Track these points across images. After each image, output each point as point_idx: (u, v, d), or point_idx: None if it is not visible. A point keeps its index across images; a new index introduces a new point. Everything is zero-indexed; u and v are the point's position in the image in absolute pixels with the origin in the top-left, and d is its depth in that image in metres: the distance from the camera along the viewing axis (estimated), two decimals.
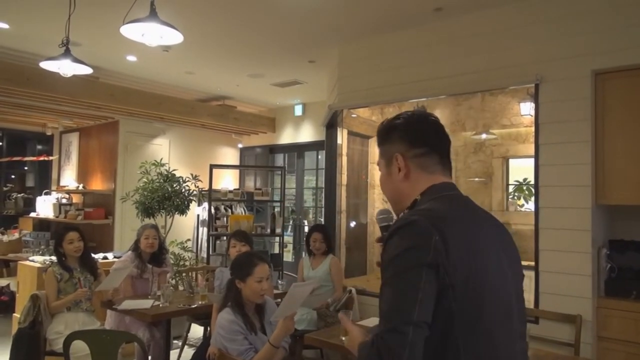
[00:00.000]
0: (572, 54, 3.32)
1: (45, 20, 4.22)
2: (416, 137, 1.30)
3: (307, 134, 7.61)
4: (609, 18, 3.21)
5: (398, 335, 1.04)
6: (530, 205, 5.45)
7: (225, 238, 5.74)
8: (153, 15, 2.69)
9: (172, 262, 5.63)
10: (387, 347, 1.03)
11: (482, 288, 1.13)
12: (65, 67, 3.46)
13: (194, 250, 6.59)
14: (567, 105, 3.32)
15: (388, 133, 1.34)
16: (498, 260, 1.19)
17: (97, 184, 6.97)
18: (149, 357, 3.56)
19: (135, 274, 3.81)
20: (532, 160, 3.56)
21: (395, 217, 1.38)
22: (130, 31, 2.76)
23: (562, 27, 3.39)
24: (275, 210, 6.64)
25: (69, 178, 7.42)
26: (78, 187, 7.02)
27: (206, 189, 5.90)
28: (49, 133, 7.46)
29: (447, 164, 1.31)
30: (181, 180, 5.65)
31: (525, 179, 5.58)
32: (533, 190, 3.70)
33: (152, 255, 3.94)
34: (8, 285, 5.56)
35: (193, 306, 3.53)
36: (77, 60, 3.39)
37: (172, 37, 2.83)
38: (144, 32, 2.77)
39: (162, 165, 5.75)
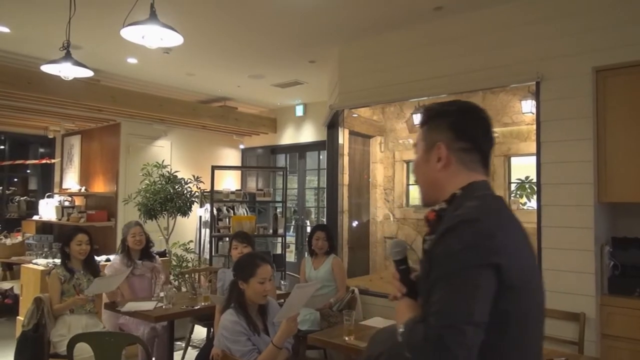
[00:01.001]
0: (573, 51, 3.31)
1: (45, 23, 4.23)
2: (465, 131, 1.24)
3: (308, 134, 7.61)
4: (609, 15, 3.20)
5: (457, 334, 0.99)
6: (533, 204, 5.44)
7: (227, 239, 5.75)
8: (153, 17, 2.69)
9: (174, 263, 5.66)
10: (444, 345, 0.99)
11: (530, 289, 1.12)
12: (66, 70, 3.46)
13: (197, 251, 6.59)
14: (568, 103, 3.32)
15: (436, 117, 1.28)
16: (534, 261, 1.20)
17: (100, 187, 6.98)
18: (153, 359, 3.58)
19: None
20: (534, 158, 3.56)
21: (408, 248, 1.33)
22: (131, 33, 2.77)
23: (562, 24, 3.38)
24: (278, 210, 6.64)
25: (71, 181, 7.43)
26: (80, 189, 7.03)
27: (208, 190, 5.91)
28: (50, 136, 7.48)
29: (487, 164, 1.27)
30: (183, 181, 5.65)
31: (527, 177, 5.58)
32: (535, 188, 3.70)
33: (142, 252, 4.01)
34: (12, 288, 5.58)
35: (196, 307, 3.53)
36: (77, 63, 3.40)
37: (172, 39, 2.83)
38: (144, 34, 2.77)
39: (164, 167, 5.76)
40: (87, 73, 3.56)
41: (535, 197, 3.83)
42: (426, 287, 1.11)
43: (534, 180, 3.68)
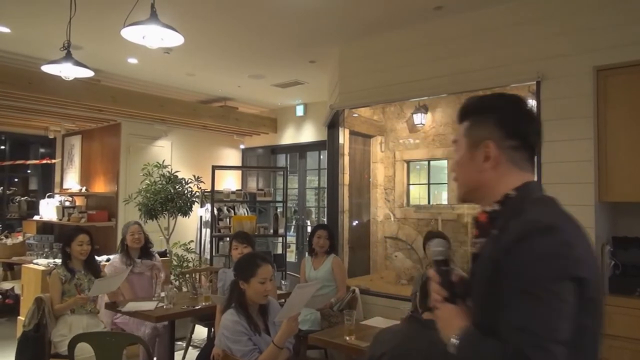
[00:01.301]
0: (574, 50, 3.31)
1: (46, 23, 4.24)
2: (516, 128, 1.14)
3: (308, 134, 7.61)
4: (610, 14, 3.20)
5: (545, 354, 0.92)
6: None
7: (228, 239, 5.75)
8: (154, 17, 2.69)
9: (175, 263, 5.66)
10: None
11: (601, 300, 1.07)
12: (67, 70, 3.46)
13: (197, 251, 6.60)
14: (569, 103, 3.32)
15: (482, 112, 1.17)
16: (598, 268, 1.12)
17: (100, 187, 6.98)
18: (154, 359, 3.58)
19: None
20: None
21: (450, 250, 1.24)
22: (131, 34, 2.77)
23: (563, 24, 3.38)
24: (278, 210, 6.64)
25: (71, 181, 7.44)
26: (81, 189, 7.03)
27: (208, 190, 5.91)
28: (51, 136, 7.48)
29: (534, 162, 1.19)
30: (183, 181, 5.66)
31: None
32: None
33: (141, 250, 4.05)
34: (12, 289, 5.58)
35: (197, 307, 3.54)
36: (78, 63, 3.40)
37: (173, 39, 2.83)
38: (145, 34, 2.77)
39: (165, 167, 5.77)
40: (88, 73, 3.56)
41: None
42: (481, 292, 1.05)
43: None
